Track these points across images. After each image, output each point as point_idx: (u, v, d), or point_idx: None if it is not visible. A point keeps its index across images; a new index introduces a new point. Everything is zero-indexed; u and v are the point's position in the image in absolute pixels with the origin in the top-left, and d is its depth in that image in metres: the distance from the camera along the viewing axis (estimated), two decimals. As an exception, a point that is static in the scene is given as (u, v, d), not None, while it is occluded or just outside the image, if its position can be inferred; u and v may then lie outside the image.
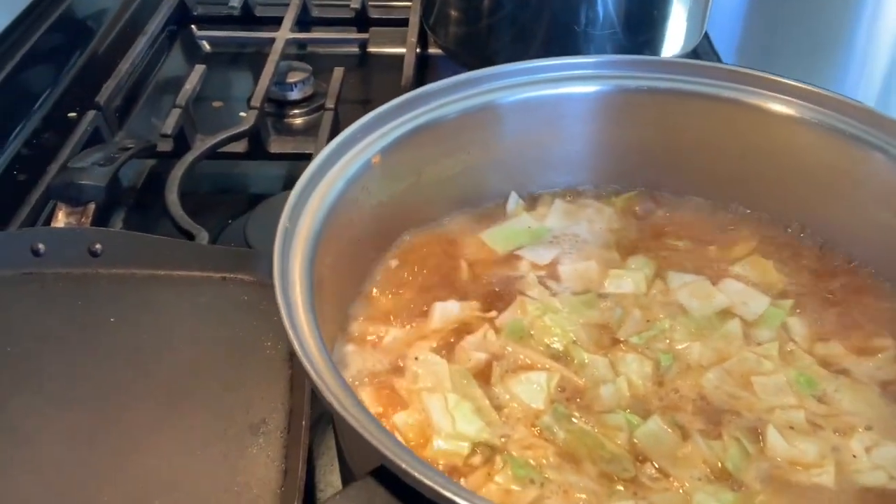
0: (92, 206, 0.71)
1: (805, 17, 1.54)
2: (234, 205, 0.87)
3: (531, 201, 0.69)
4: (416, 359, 0.54)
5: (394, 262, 0.62)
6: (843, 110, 0.60)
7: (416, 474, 0.36)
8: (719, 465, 0.50)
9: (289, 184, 0.94)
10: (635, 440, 0.51)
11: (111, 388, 0.58)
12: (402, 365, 0.54)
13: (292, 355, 0.55)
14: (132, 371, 0.59)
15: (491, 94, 0.61)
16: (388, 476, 0.38)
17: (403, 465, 0.36)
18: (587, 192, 0.69)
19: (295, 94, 1.02)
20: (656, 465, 0.50)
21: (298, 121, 1.01)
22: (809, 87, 0.61)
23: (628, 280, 0.61)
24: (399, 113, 0.57)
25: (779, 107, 0.62)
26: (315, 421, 0.57)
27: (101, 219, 0.76)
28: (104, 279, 0.66)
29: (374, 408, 0.51)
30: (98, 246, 0.67)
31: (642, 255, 0.64)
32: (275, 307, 0.43)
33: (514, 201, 0.68)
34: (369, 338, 0.56)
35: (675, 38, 0.94)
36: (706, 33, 1.07)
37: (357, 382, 0.54)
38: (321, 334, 0.43)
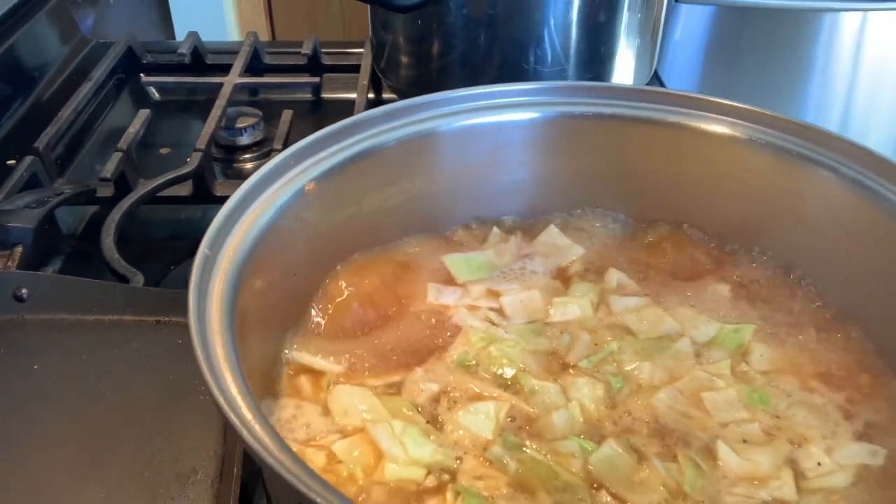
0: (19, 249, 0.68)
1: (762, 62, 1.56)
2: (179, 250, 0.84)
3: (483, 229, 0.67)
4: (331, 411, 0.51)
5: (335, 291, 0.59)
6: (789, 129, 0.59)
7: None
8: (678, 487, 0.47)
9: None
10: (590, 467, 0.49)
11: (30, 440, 0.54)
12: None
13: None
14: (54, 421, 0.56)
15: (431, 121, 0.60)
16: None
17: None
18: (538, 219, 0.67)
19: (245, 139, 1.00)
20: (612, 492, 0.47)
21: (248, 165, 0.99)
22: (752, 108, 0.60)
23: (574, 306, 0.59)
24: (335, 140, 0.56)
25: (722, 128, 0.61)
26: (255, 469, 0.53)
27: (33, 266, 0.72)
28: (30, 325, 0.63)
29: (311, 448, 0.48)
30: (24, 290, 0.63)
31: (586, 282, 0.62)
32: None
33: (496, 234, 0.66)
34: (303, 376, 0.54)
35: (624, 76, 0.94)
36: (656, 72, 1.07)
37: (291, 424, 0.50)
38: (242, 370, 0.40)
